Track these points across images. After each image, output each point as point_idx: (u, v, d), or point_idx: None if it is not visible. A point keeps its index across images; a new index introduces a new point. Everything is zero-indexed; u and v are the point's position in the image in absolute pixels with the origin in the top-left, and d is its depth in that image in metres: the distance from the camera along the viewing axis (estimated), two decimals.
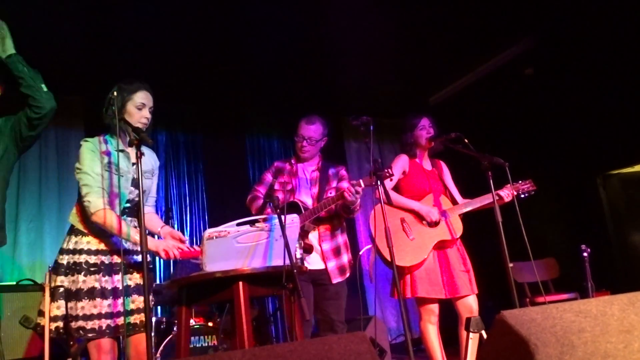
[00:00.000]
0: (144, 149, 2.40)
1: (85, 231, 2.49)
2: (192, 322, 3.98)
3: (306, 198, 3.24)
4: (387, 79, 6.10)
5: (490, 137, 5.11)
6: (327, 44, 5.28)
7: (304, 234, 3.10)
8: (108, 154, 2.52)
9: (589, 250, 3.78)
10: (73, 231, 2.51)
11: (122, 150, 2.57)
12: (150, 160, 2.71)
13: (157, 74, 5.26)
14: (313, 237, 3.20)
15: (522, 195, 3.38)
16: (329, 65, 5.70)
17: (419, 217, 3.32)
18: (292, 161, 3.42)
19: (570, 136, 5.66)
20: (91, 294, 2.40)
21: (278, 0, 4.45)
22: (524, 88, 5.93)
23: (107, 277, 2.44)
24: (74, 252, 2.46)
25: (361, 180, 2.98)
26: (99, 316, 2.38)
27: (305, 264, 3.07)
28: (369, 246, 4.83)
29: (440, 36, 5.24)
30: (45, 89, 2.49)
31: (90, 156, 2.47)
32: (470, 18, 4.95)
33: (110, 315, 2.40)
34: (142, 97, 2.56)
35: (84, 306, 2.38)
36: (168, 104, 5.96)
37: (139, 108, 2.54)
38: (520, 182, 3.41)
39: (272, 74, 5.65)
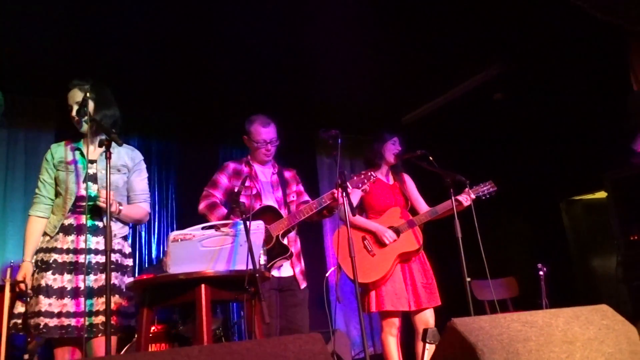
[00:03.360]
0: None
1: (54, 231, 2.54)
2: (153, 329, 3.95)
3: (271, 202, 3.15)
4: (362, 98, 6.21)
5: (458, 159, 5.23)
6: (304, 60, 5.36)
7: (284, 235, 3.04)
8: (59, 163, 2.62)
9: (545, 269, 3.88)
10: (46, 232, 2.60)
11: (77, 149, 2.65)
12: (123, 156, 2.72)
13: (132, 79, 5.26)
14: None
15: (484, 197, 3.42)
16: (304, 81, 5.77)
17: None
18: (250, 163, 3.28)
19: (536, 161, 5.83)
20: (50, 291, 2.42)
21: (258, 15, 4.52)
22: (493, 112, 6.09)
23: (71, 276, 2.45)
24: (46, 250, 2.52)
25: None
26: (59, 315, 2.39)
27: (275, 272, 3.05)
28: (334, 268, 4.90)
29: (414, 59, 5.37)
30: None
31: (43, 164, 2.67)
32: (443, 43, 5.10)
33: (72, 315, 2.40)
34: (69, 99, 2.65)
35: (51, 303, 2.40)
36: (143, 111, 5.96)
37: (69, 109, 2.64)
38: (480, 184, 3.46)
39: (249, 86, 5.69)
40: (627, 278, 4.20)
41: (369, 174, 3.05)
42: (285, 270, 3.13)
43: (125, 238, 2.71)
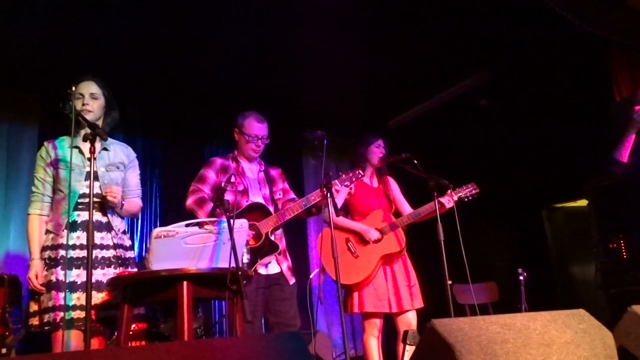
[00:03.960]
0: (115, 142, 2.72)
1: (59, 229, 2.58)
2: (134, 327, 3.92)
3: (258, 199, 3.13)
4: (350, 100, 6.24)
5: (443, 163, 5.28)
6: (291, 61, 5.37)
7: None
8: (57, 161, 2.62)
9: (525, 274, 3.94)
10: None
11: (75, 147, 2.63)
12: (119, 153, 2.77)
13: (117, 75, 5.21)
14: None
15: (466, 199, 3.46)
16: (291, 82, 5.78)
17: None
18: (237, 158, 3.26)
19: (519, 168, 5.89)
20: (62, 286, 2.46)
21: (245, 15, 4.52)
22: (479, 118, 6.15)
23: (79, 271, 2.49)
24: (52, 247, 2.55)
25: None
26: (74, 308, 2.43)
27: (262, 270, 3.04)
28: (318, 270, 4.92)
29: (401, 63, 5.41)
30: None
31: (38, 162, 2.68)
32: (431, 48, 5.15)
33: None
34: (81, 88, 2.66)
35: (57, 298, 2.44)
36: (128, 108, 5.91)
37: (78, 98, 2.64)
38: (463, 186, 3.51)
39: (235, 86, 5.68)
40: (605, 285, 4.26)
41: (357, 172, 3.09)
42: (272, 267, 3.12)
43: (124, 232, 2.77)
